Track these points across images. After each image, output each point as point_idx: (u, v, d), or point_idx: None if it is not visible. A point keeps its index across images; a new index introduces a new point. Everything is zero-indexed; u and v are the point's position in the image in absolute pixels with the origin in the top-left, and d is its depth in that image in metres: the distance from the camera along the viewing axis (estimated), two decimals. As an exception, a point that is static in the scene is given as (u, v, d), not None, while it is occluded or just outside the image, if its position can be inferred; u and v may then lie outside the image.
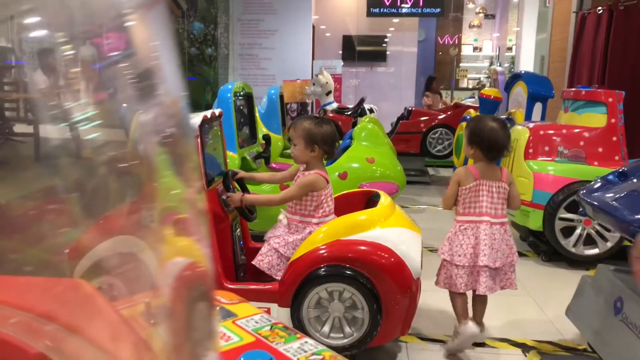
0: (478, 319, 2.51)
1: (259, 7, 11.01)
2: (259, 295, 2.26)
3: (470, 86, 12.96)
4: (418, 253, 2.26)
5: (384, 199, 2.46)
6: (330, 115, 6.95)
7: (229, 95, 3.65)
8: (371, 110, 8.03)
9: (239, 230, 2.57)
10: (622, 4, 5.55)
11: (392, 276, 2.19)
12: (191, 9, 11.69)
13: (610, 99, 3.56)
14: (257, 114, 5.20)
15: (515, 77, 5.18)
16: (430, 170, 7.51)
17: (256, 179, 2.68)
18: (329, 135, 2.40)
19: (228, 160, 3.59)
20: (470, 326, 2.41)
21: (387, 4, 10.76)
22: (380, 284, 2.17)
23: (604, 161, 3.53)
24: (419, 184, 6.59)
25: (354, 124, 5.77)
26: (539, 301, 3.13)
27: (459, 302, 2.47)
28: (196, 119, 2.30)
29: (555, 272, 3.58)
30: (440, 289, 2.52)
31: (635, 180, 2.14)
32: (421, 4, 10.68)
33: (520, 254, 3.91)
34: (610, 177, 2.29)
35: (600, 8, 5.82)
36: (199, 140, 2.28)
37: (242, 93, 3.90)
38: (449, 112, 6.66)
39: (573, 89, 3.88)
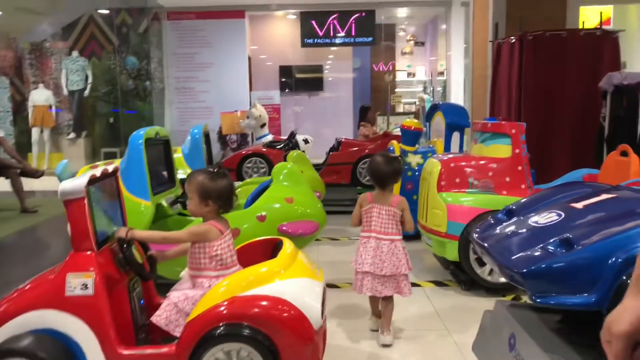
0: (383, 320, 3.07)
1: (193, 41, 10.99)
2: (156, 360, 2.18)
3: (406, 110, 13.29)
4: (318, 302, 2.25)
5: (286, 248, 2.44)
6: (263, 150, 6.95)
7: (139, 142, 3.57)
8: (306, 141, 8.08)
9: (137, 289, 2.49)
10: (530, 34, 5.86)
11: (292, 330, 2.17)
12: (123, 44, 11.53)
13: (514, 131, 3.71)
14: (180, 155, 5.14)
15: (434, 108, 5.35)
16: (365, 199, 7.59)
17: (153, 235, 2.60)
18: (224, 189, 2.37)
19: (142, 209, 3.59)
20: (370, 323, 3.20)
21: (321, 34, 10.97)
22: (279, 339, 2.14)
23: (511, 190, 3.66)
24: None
25: (285, 158, 5.78)
26: (455, 334, 3.17)
27: (371, 303, 3.19)
28: (82, 179, 2.22)
29: (474, 302, 3.65)
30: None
31: (519, 219, 2.21)
32: (353, 33, 10.94)
33: (441, 284, 4.00)
34: (500, 215, 2.36)
35: (512, 37, 6.12)
36: (85, 201, 2.20)
37: (156, 138, 3.82)
38: (378, 142, 6.78)
39: (481, 122, 4.02)
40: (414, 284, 4.04)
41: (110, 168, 2.50)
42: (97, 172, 2.37)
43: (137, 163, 3.53)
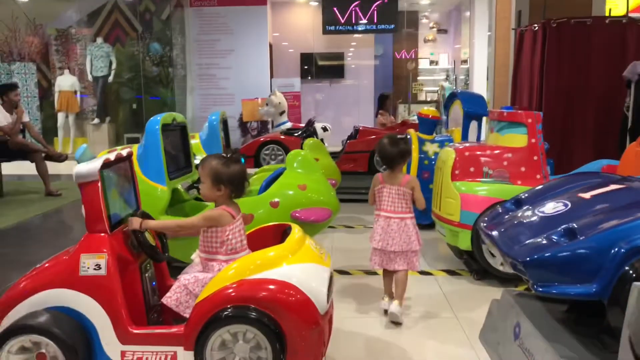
0: (394, 294, 3.22)
1: (215, 27, 11.05)
2: (165, 339, 2.25)
3: (428, 99, 13.17)
4: (324, 287, 2.29)
5: (294, 234, 2.48)
6: (281, 137, 6.99)
7: (156, 127, 3.64)
8: (325, 129, 8.10)
9: (150, 271, 2.56)
10: (554, 21, 5.75)
11: (297, 314, 2.21)
12: (146, 31, 11.66)
13: (530, 120, 3.67)
14: (197, 141, 5.21)
15: (452, 96, 5.30)
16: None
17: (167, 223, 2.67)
18: (237, 175, 2.41)
19: (159, 193, 3.66)
20: (383, 303, 3.27)
21: (342, 21, 10.90)
22: (285, 322, 2.19)
23: (526, 180, 3.63)
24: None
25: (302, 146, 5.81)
26: (465, 322, 3.18)
27: (384, 281, 3.30)
28: (96, 163, 2.29)
29: (485, 291, 3.64)
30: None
31: (527, 209, 2.20)
32: (375, 20, 10.84)
33: (454, 273, 4.00)
34: (508, 204, 2.35)
35: (535, 25, 6.01)
36: (99, 184, 2.27)
37: (173, 123, 3.89)
38: (396, 130, 6.76)
39: (497, 110, 3.98)
40: (426, 272, 4.06)
41: (124, 152, 2.56)
42: (112, 156, 2.43)
43: (153, 148, 3.60)
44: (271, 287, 2.22)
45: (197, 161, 4.47)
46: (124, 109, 12.01)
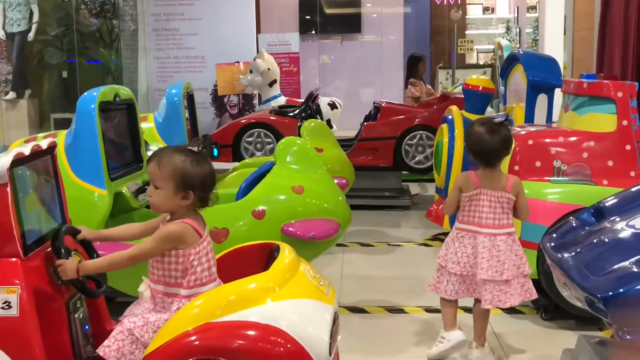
0: (477, 334, 3.32)
1: (178, -37, 11.07)
2: (102, 407, 2.27)
3: (481, 62, 13.15)
4: (326, 333, 2.30)
5: (283, 257, 2.49)
6: (270, 118, 7.01)
7: (92, 107, 3.66)
8: (333, 106, 8.09)
9: (81, 310, 2.58)
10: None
11: (288, 370, 2.22)
12: (81, -31, 11.70)
13: (620, 94, 3.68)
14: (151, 125, 5.25)
15: (512, 59, 5.31)
16: (415, 188, 7.62)
17: (109, 238, 2.69)
18: (209, 177, 2.44)
19: (95, 199, 3.69)
20: (458, 334, 3.30)
21: (359, -49, 10.92)
22: (269, 383, 2.20)
23: (615, 179, 3.64)
24: (396, 209, 6.69)
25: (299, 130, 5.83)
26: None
27: (448, 310, 3.35)
28: (4, 159, 2.31)
29: (556, 336, 3.66)
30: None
31: (611, 222, 2.21)
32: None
33: (512, 310, 4.02)
34: (585, 215, 2.37)
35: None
36: (8, 190, 2.29)
37: (116, 101, 3.91)
38: (433, 107, 6.76)
39: (574, 80, 3.99)
40: (469, 309, 4.07)
41: (44, 144, 2.58)
42: (27, 149, 2.46)
43: (88, 136, 3.61)
44: (250, 333, 2.23)
45: (149, 153, 4.50)
46: (50, 79, 12.02)
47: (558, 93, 5.16)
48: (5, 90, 11.66)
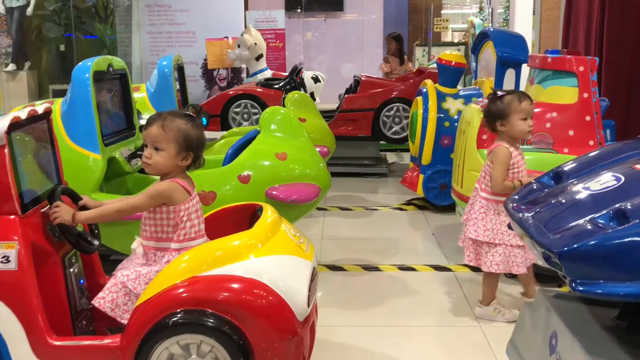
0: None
1: (170, -59, 10.87)
2: (96, 353, 2.29)
3: (456, 40, 13.10)
4: (304, 286, 2.32)
5: (266, 216, 2.50)
6: (257, 90, 6.97)
7: (86, 76, 3.62)
8: (316, 79, 8.04)
9: (76, 265, 2.58)
10: None
11: (269, 321, 2.25)
12: (76, -55, 11.47)
13: (582, 68, 3.69)
14: (144, 95, 5.20)
15: (483, 36, 5.29)
16: (392, 157, 7.65)
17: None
18: (204, 139, 2.50)
19: (90, 163, 3.67)
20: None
21: None
22: (251, 332, 2.22)
23: (575, 147, 3.66)
24: (373, 176, 6.72)
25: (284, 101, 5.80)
26: (489, 330, 3.26)
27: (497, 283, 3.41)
28: (2, 122, 2.29)
29: (519, 293, 3.70)
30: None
31: (568, 184, 2.23)
32: None
33: (479, 269, 4.04)
34: (544, 178, 2.38)
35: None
36: (6, 151, 2.27)
37: (109, 71, 3.88)
38: (409, 81, 6.75)
39: (539, 55, 3.99)
40: (443, 268, 4.12)
41: (40, 109, 2.56)
42: (24, 114, 2.43)
43: (83, 104, 3.58)
44: (234, 285, 2.26)
45: (142, 121, 4.47)
46: (48, 52, 11.87)
47: (525, 69, 5.19)
48: (6, 62, 11.51)
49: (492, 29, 5.36)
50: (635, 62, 5.74)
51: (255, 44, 8.12)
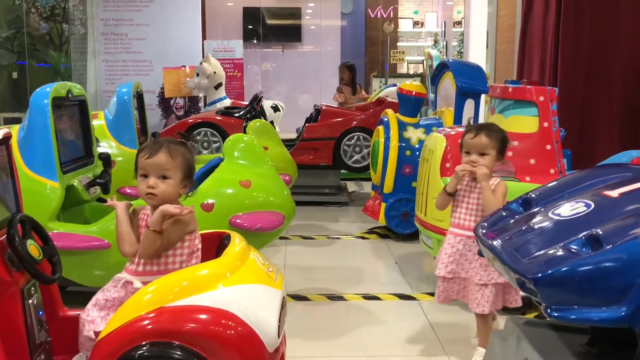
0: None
1: (126, -30, 10.84)
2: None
3: (411, 71, 13.34)
4: (274, 317, 2.28)
5: (234, 245, 2.46)
6: (217, 118, 6.94)
7: (45, 102, 3.56)
8: (276, 109, 8.08)
9: (35, 297, 2.48)
10: (573, -28, 5.88)
11: (238, 352, 2.20)
12: (32, -27, 11.34)
13: (542, 98, 3.77)
14: (102, 122, 5.11)
15: (442, 67, 5.38)
16: (352, 186, 7.67)
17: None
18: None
19: (47, 191, 3.58)
20: None
21: (299, -34, 10.93)
22: (220, 364, 2.16)
23: (536, 175, 3.71)
24: (334, 205, 6.72)
25: (245, 129, 5.79)
26: (458, 361, 3.24)
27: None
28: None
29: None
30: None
31: (538, 211, 2.25)
32: (344, -34, 10.92)
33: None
34: (513, 205, 2.40)
35: (548, -24, 6.15)
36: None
37: (68, 97, 3.81)
38: (369, 111, 6.82)
39: (500, 85, 4.06)
40: (407, 297, 4.11)
41: (-1, 134, 2.47)
42: (-20, 139, 2.35)
43: (41, 130, 3.53)
44: (202, 316, 2.20)
45: (100, 149, 4.39)
46: (0, 79, 11.66)
47: (483, 98, 5.29)
48: (-45, 90, 11.23)
49: (451, 60, 5.46)
50: (588, 93, 5.90)
51: (215, 72, 8.11)
